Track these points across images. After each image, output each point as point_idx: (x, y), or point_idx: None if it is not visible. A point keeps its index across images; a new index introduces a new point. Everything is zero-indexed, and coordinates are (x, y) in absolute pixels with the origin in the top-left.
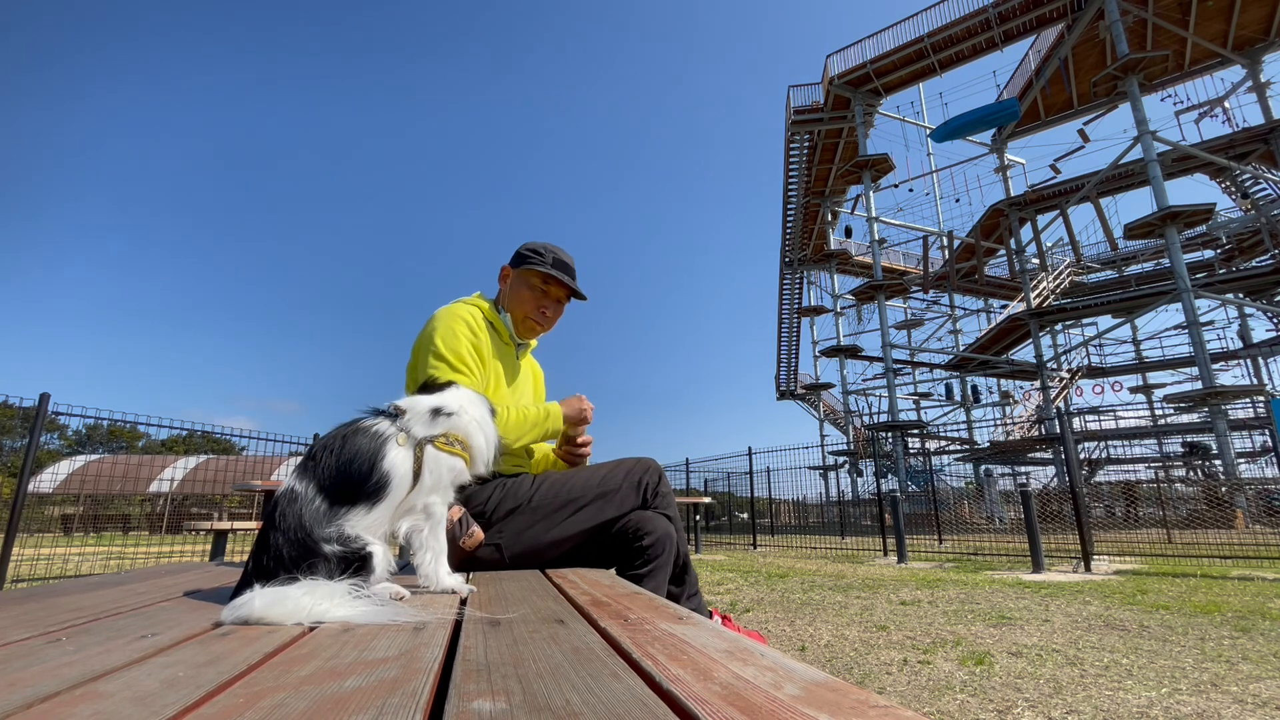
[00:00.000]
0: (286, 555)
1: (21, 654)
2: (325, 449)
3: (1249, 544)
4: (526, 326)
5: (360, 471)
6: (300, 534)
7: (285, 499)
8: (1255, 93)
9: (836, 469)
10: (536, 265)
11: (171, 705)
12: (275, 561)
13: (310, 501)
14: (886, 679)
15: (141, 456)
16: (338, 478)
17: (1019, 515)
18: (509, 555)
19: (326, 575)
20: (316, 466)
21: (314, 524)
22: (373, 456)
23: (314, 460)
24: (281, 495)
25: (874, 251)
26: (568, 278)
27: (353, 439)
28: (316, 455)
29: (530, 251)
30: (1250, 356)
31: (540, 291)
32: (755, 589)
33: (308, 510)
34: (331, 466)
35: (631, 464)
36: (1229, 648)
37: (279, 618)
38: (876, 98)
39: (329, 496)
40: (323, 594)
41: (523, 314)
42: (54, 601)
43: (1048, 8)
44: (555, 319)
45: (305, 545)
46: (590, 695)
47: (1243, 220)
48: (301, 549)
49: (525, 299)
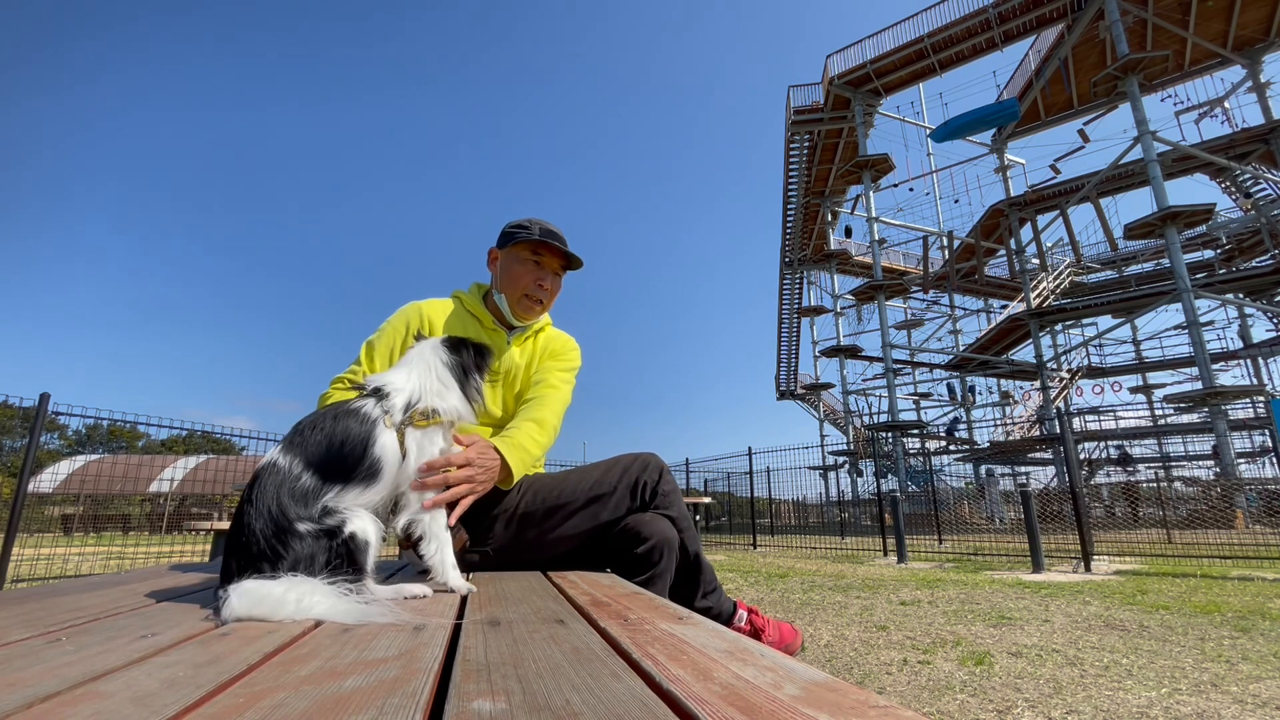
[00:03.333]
0: (261, 531)
1: (21, 654)
2: (314, 427)
3: (1249, 544)
4: (524, 306)
5: (354, 454)
6: (279, 508)
7: (267, 473)
8: (1255, 93)
9: (836, 469)
10: (524, 237)
11: (171, 705)
12: (253, 539)
13: (296, 478)
14: (886, 679)
15: (141, 456)
16: (329, 456)
17: (1019, 515)
18: (499, 563)
19: (306, 552)
20: (305, 443)
21: (298, 499)
22: (365, 439)
23: (301, 436)
24: (263, 469)
25: (874, 251)
26: (559, 243)
27: (344, 420)
28: (304, 432)
29: (515, 227)
30: (1250, 356)
31: (533, 264)
32: (755, 589)
33: (293, 485)
34: (321, 444)
35: (629, 461)
36: (1229, 648)
37: (262, 616)
38: (876, 98)
39: (319, 473)
40: (305, 590)
41: (519, 292)
42: (54, 601)
43: (1048, 8)
44: (554, 291)
45: (283, 521)
46: (590, 695)
47: (1243, 220)
48: (279, 525)
49: (518, 275)
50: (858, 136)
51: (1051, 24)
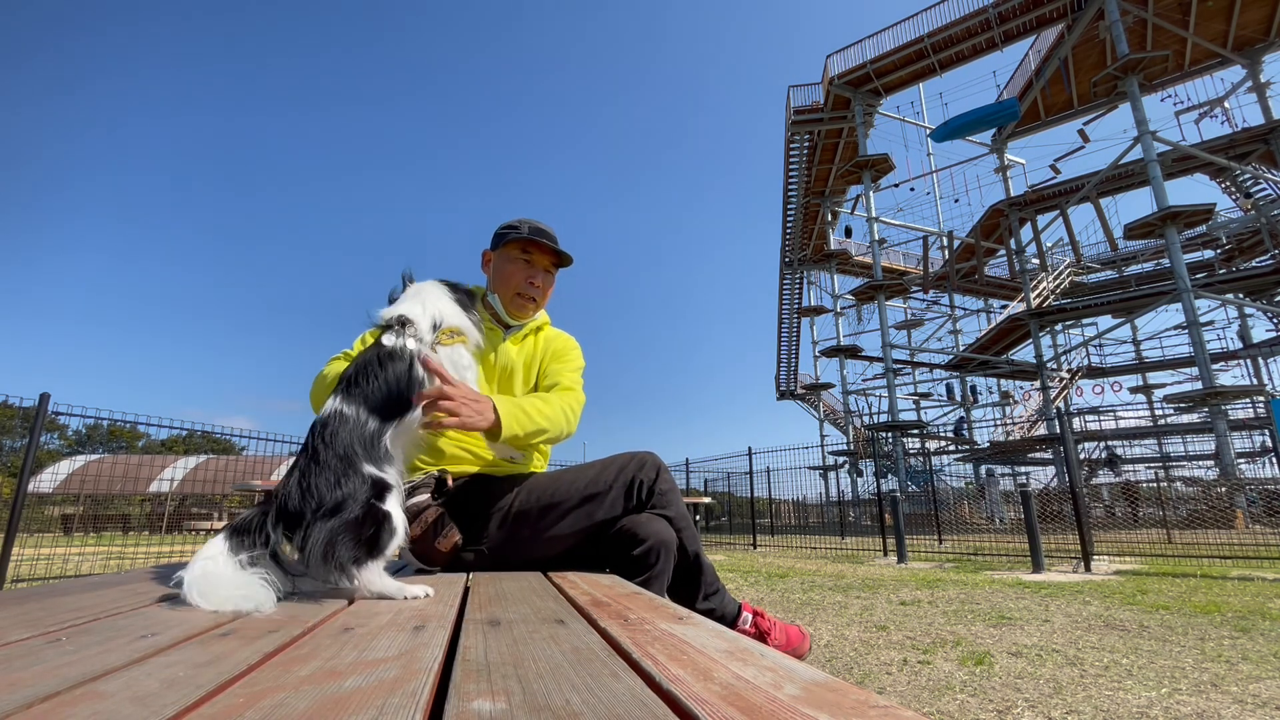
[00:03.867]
0: (334, 474)
1: (21, 654)
2: (367, 375)
3: (1249, 544)
4: (518, 304)
5: (403, 390)
6: (351, 454)
7: (336, 420)
8: (1255, 93)
9: (836, 469)
10: (513, 236)
11: (171, 705)
12: (317, 487)
13: (364, 424)
14: (886, 679)
15: (141, 456)
16: (387, 398)
17: (1019, 515)
18: (495, 563)
19: (360, 495)
20: (365, 391)
21: (367, 444)
22: (410, 374)
23: (358, 386)
24: (331, 416)
25: (874, 251)
26: (548, 241)
27: (388, 363)
28: (358, 381)
29: (506, 228)
30: (1250, 356)
31: (524, 262)
32: (755, 589)
33: (362, 431)
34: (381, 389)
35: (625, 460)
36: (1229, 648)
37: (212, 606)
38: (876, 98)
39: (379, 416)
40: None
41: (512, 290)
42: (54, 601)
43: (1048, 8)
44: (546, 288)
45: (352, 465)
46: (590, 695)
47: (1243, 220)
48: (349, 467)
49: (510, 274)
50: (858, 136)
51: (1051, 24)
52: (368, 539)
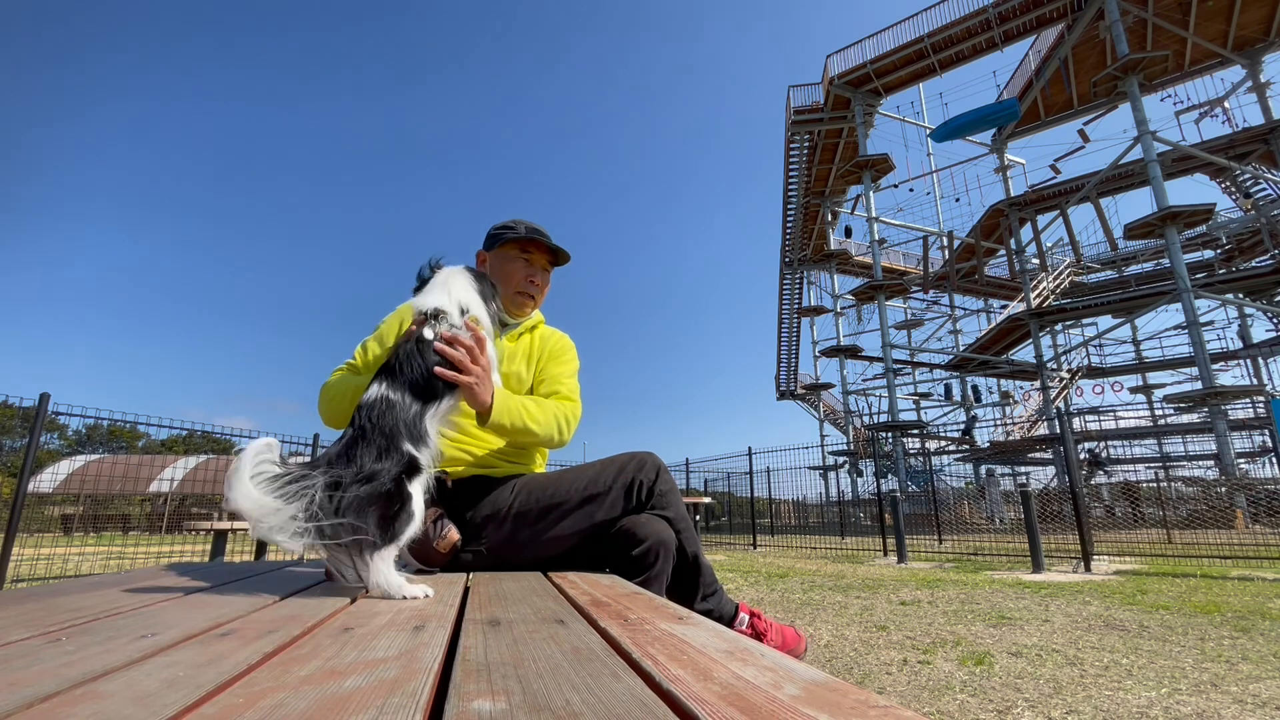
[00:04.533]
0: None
1: (21, 654)
2: (407, 363)
3: (1249, 544)
4: (517, 303)
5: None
6: (395, 431)
7: (382, 404)
8: (1255, 93)
9: (836, 469)
10: (510, 236)
11: (171, 705)
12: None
13: (409, 407)
14: (886, 679)
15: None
16: (427, 383)
17: (1019, 515)
18: (494, 563)
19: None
20: (406, 379)
21: (410, 425)
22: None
23: (400, 373)
24: (377, 401)
25: (874, 251)
26: (545, 239)
27: (426, 350)
28: (402, 368)
29: (501, 228)
30: (1250, 356)
31: (522, 261)
32: (755, 589)
33: (407, 414)
34: (421, 375)
35: (625, 460)
36: (1229, 648)
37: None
38: (876, 98)
39: (420, 399)
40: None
41: (512, 289)
42: (54, 601)
43: (1048, 8)
44: (544, 286)
45: (394, 442)
46: (590, 695)
47: (1243, 220)
48: (390, 444)
49: (510, 273)
50: (858, 136)
51: (1051, 24)
52: (390, 518)
